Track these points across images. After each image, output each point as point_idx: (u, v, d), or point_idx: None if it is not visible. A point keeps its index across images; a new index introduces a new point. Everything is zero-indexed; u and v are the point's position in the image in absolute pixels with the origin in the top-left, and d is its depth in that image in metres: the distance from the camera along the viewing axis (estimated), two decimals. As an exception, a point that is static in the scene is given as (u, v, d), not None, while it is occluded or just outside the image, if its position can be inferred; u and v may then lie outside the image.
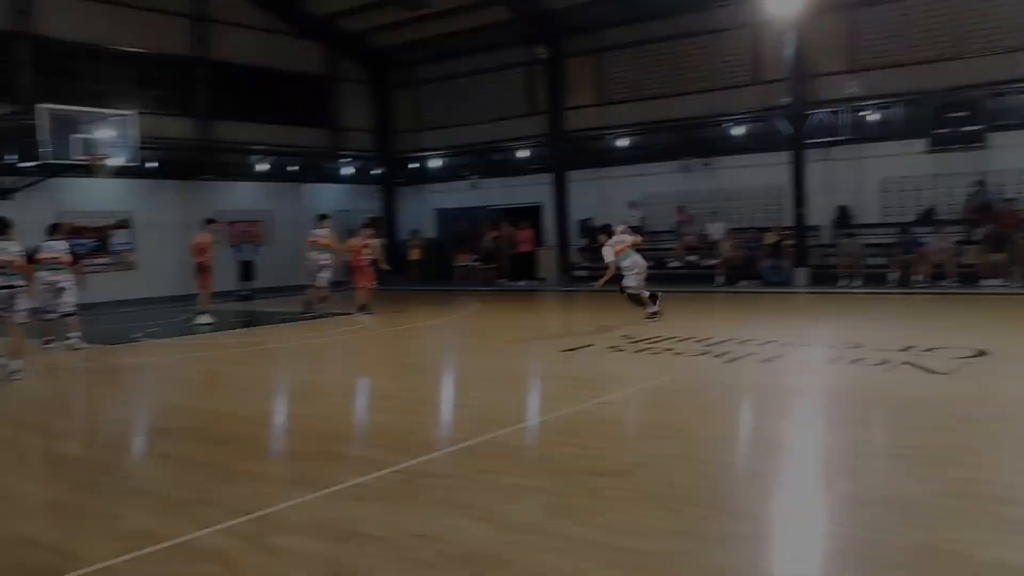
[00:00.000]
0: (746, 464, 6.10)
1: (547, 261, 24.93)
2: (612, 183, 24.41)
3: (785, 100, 20.49)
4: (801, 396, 8.36)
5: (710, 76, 22.38)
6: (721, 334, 11.96)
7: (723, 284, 20.69)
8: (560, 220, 24.70)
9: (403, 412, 7.91)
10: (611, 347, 11.36)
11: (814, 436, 6.79)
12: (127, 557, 4.43)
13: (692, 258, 22.03)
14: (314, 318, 16.54)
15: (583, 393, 8.39)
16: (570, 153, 24.75)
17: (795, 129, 20.40)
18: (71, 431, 8.04)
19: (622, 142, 23.60)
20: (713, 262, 21.29)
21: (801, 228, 20.34)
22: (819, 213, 20.61)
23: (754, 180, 21.96)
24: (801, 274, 20.00)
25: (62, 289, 12.93)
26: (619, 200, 24.02)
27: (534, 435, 7.01)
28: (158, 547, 4.55)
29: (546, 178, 25.12)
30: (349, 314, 15.90)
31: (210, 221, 17.79)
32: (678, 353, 10.63)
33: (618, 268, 14.32)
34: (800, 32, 19.85)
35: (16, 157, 18.95)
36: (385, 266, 18.35)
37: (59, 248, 11.43)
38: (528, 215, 25.44)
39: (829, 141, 20.54)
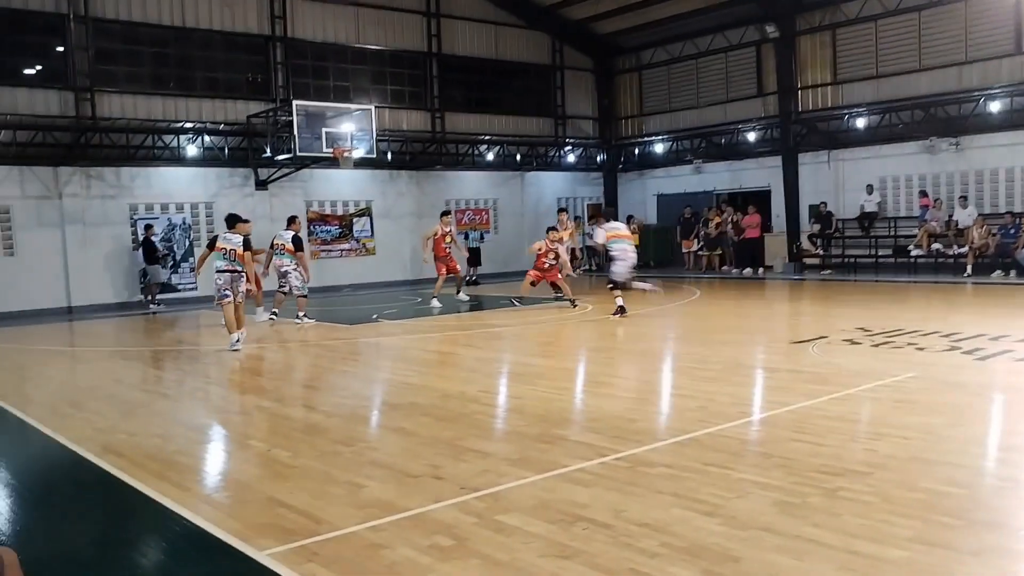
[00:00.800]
0: (1001, 472, 5.53)
1: (775, 248, 23.96)
2: (847, 165, 23.07)
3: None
4: (1070, 400, 7.49)
5: (961, 47, 20.52)
6: (971, 329, 10.97)
7: (973, 275, 18.97)
8: (789, 205, 23.61)
9: (624, 399, 7.88)
10: (846, 339, 10.73)
11: (1087, 446, 6.06)
12: (368, 524, 4.72)
13: (937, 246, 20.37)
14: (543, 301, 16.86)
15: (815, 387, 7.98)
16: (801, 135, 23.60)
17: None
18: (314, 402, 8.68)
19: (858, 122, 22.18)
20: (961, 250, 19.57)
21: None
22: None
23: (1011, 160, 19.94)
24: (1068, 264, 17.96)
25: (286, 273, 15.32)
26: (854, 184, 22.69)
27: (763, 429, 6.75)
28: (395, 517, 4.82)
29: (774, 161, 24.12)
30: (571, 300, 16.04)
31: (445, 213, 18.77)
32: (921, 348, 9.86)
33: (607, 251, 14.70)
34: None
35: (269, 151, 20.72)
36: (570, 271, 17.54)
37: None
38: (754, 200, 24.55)
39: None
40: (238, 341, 12.18)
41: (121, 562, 4.49)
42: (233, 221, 12.73)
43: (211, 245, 12.86)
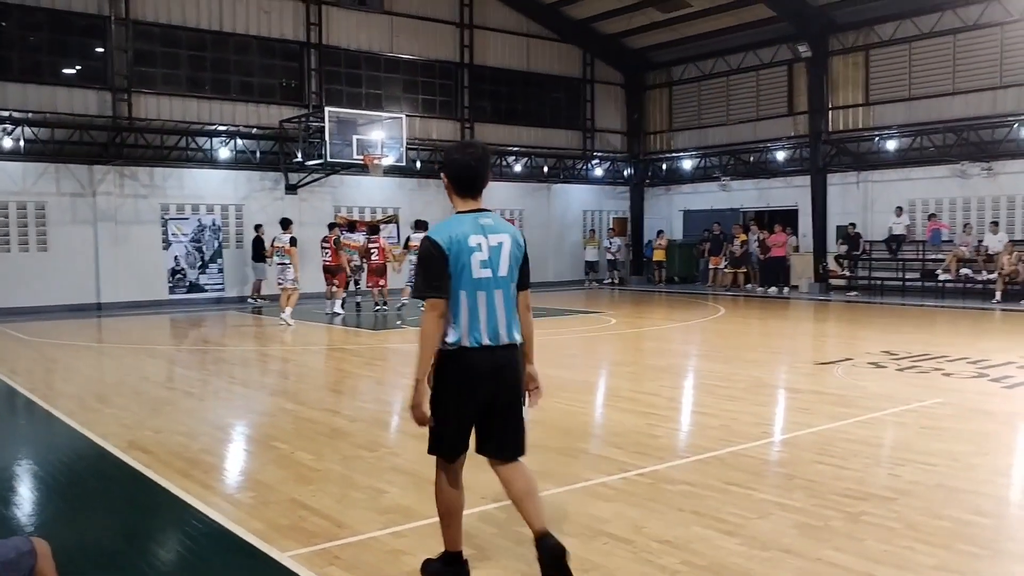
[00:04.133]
0: (1030, 503, 5.48)
1: (801, 267, 23.82)
2: (876, 187, 22.92)
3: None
4: (1099, 432, 7.39)
5: (995, 71, 20.37)
6: (1000, 356, 10.86)
7: (1002, 301, 18.76)
8: (817, 225, 23.47)
9: (645, 415, 7.87)
10: (871, 362, 10.65)
11: (1116, 479, 5.98)
12: (389, 530, 4.77)
13: (966, 271, 20.16)
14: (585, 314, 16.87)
15: (839, 410, 7.93)
16: (831, 155, 23.48)
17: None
18: (338, 407, 8.74)
19: (889, 144, 22.05)
20: (991, 276, 19.36)
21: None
22: None
23: (1046, 186, 19.75)
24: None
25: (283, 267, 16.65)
26: (882, 206, 22.55)
27: (786, 450, 6.72)
28: (416, 524, 4.86)
29: (803, 180, 24.01)
30: (598, 312, 16.05)
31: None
32: (948, 374, 9.77)
33: None
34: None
35: (301, 156, 20.91)
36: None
37: (284, 239, 16.09)
38: (781, 219, 24.44)
39: None
40: (286, 315, 15.46)
41: (144, 557, 4.55)
42: (286, 224, 16.31)
43: (293, 243, 16.05)
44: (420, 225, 16.71)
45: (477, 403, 3.89)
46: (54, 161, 19.02)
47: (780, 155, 24.55)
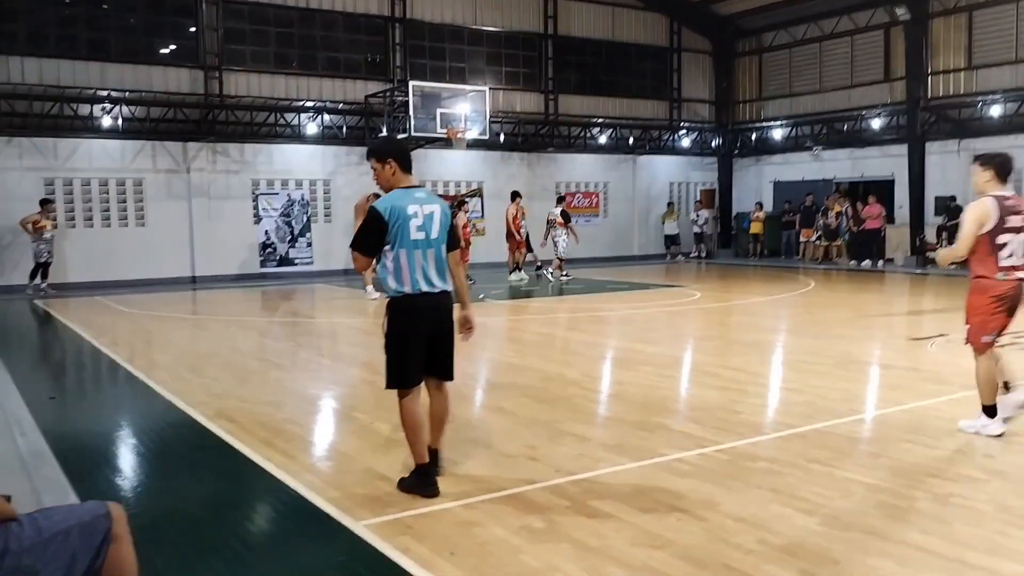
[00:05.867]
0: None
1: (896, 240, 22.94)
2: (980, 156, 21.80)
3: None
4: None
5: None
6: (1112, 333, 10.22)
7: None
8: (914, 196, 22.52)
9: (728, 390, 7.71)
10: (969, 339, 10.17)
11: None
12: (463, 502, 4.79)
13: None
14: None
15: (932, 387, 7.62)
16: (930, 122, 22.45)
17: None
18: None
19: (993, 110, 20.94)
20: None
21: None
22: None
23: None
24: None
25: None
26: (987, 175, 21.42)
27: (873, 428, 6.49)
28: (489, 496, 4.87)
29: (899, 150, 23.04)
30: (682, 286, 15.81)
31: (516, 194, 19.74)
32: (1053, 351, 9.26)
33: None
34: None
35: (385, 131, 21.11)
36: None
37: None
38: (875, 190, 23.53)
39: None
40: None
41: (224, 524, 4.69)
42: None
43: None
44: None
45: (422, 336, 4.90)
46: (150, 139, 19.69)
47: (875, 123, 23.59)
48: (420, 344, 4.89)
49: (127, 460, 6.02)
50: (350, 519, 4.55)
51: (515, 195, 19.77)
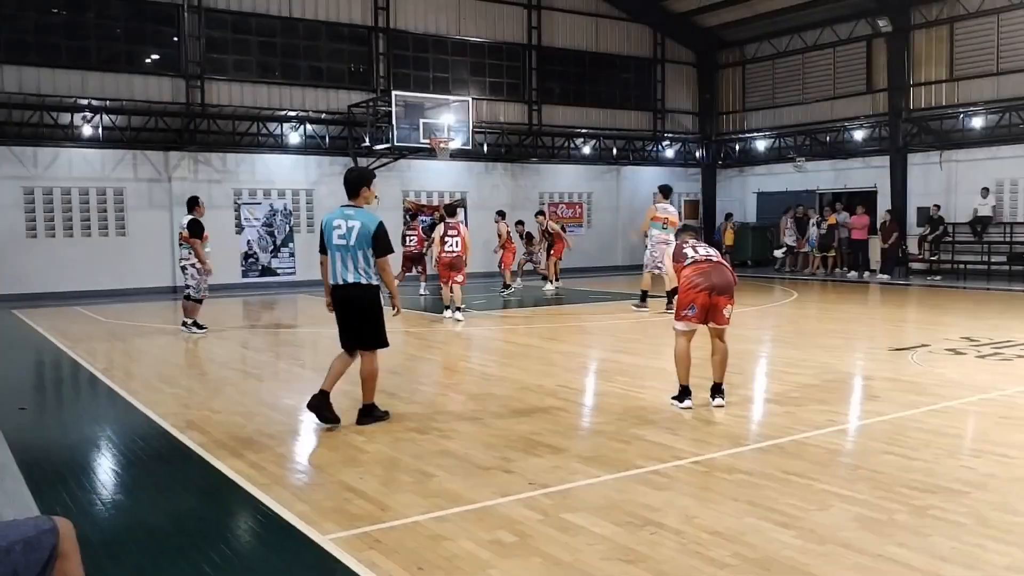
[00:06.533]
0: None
1: (880, 251, 22.96)
2: (960, 167, 21.96)
3: None
4: None
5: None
6: (1091, 343, 10.24)
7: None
8: (897, 207, 22.59)
9: (705, 401, 7.63)
10: (949, 349, 10.18)
11: None
12: (433, 515, 4.69)
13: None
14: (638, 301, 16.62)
15: (912, 398, 7.57)
16: (912, 133, 22.57)
17: None
18: (395, 388, 8.69)
19: (974, 121, 21.08)
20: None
21: None
22: None
23: None
24: None
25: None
26: (967, 186, 21.60)
27: (852, 439, 6.44)
28: (461, 509, 4.77)
29: (882, 161, 23.16)
30: (663, 297, 15.72)
31: (502, 214, 19.58)
32: (1033, 362, 9.26)
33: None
34: None
35: (369, 140, 21.02)
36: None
37: None
38: (860, 200, 23.55)
39: None
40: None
41: (186, 536, 4.55)
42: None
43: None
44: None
45: (342, 315, 6.83)
46: (131, 148, 19.53)
47: (858, 134, 23.71)
48: (342, 320, 6.84)
49: (92, 472, 5.88)
50: (317, 533, 4.44)
51: (502, 214, 19.56)
